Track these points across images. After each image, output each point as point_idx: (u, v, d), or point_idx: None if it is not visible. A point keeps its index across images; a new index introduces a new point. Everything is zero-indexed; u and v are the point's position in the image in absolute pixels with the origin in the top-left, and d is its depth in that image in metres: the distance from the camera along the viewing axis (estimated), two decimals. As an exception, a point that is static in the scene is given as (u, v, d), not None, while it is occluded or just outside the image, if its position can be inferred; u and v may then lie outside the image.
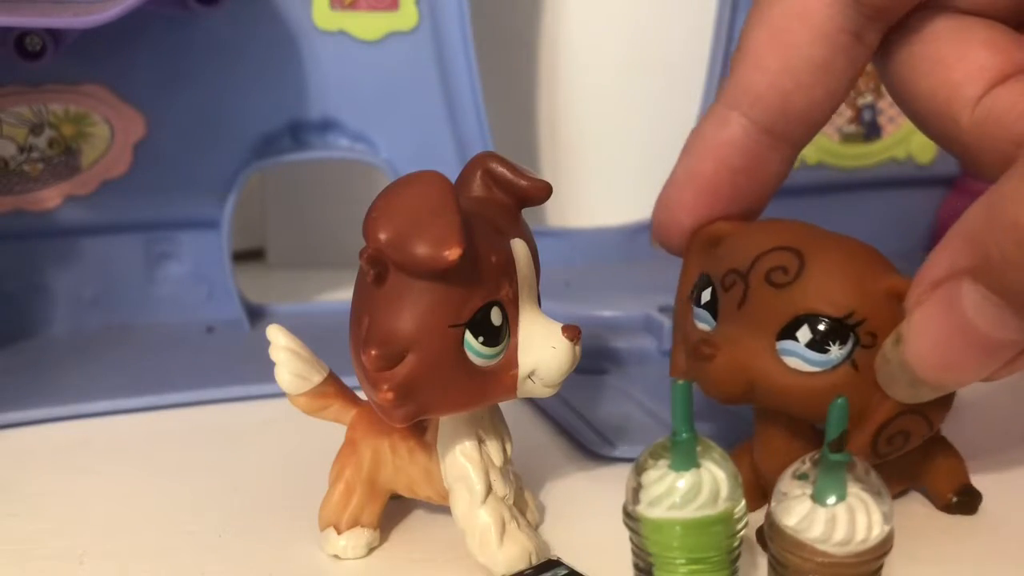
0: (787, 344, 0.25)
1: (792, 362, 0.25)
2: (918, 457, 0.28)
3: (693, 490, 0.22)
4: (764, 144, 0.27)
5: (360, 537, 0.27)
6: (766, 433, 0.27)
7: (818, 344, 0.24)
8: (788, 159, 0.28)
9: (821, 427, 0.26)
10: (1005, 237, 0.20)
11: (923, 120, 0.26)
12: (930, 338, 0.23)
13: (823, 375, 0.25)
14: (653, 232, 0.29)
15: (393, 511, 0.29)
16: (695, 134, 0.28)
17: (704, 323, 0.27)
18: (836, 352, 0.24)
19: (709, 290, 0.27)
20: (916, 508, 0.29)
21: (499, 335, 0.25)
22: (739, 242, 0.27)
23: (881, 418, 0.25)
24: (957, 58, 0.25)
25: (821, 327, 0.24)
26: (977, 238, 0.21)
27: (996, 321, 0.21)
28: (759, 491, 0.28)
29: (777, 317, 0.25)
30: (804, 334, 0.25)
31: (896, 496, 0.29)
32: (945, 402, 0.25)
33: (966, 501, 0.29)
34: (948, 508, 0.29)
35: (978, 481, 0.30)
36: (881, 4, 0.25)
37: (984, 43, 0.25)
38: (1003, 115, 0.24)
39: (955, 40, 0.25)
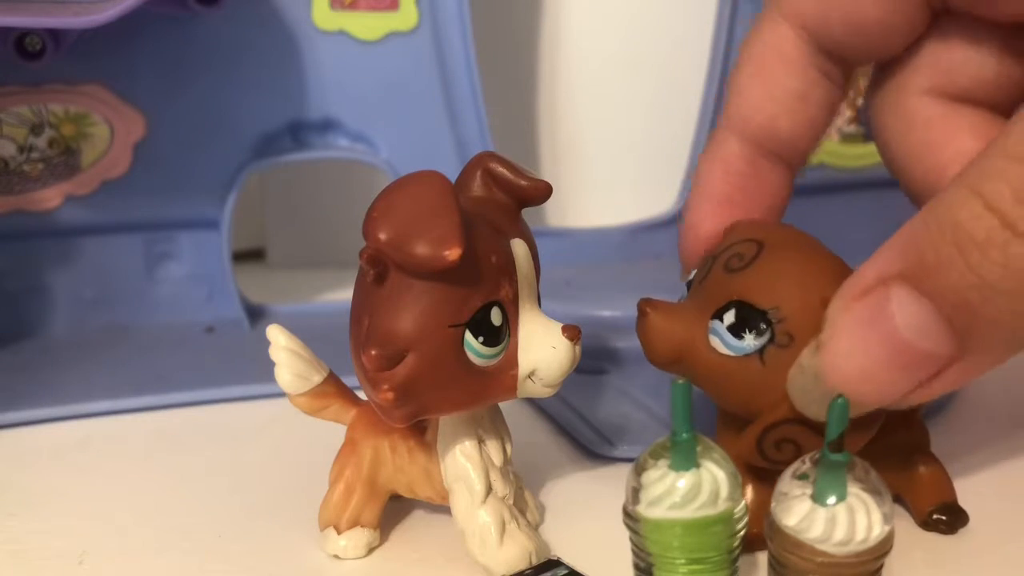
0: (714, 323, 0.26)
1: (714, 341, 0.26)
2: (899, 467, 0.28)
3: (693, 490, 0.22)
4: (761, 156, 0.29)
5: (360, 537, 0.27)
6: (723, 421, 0.28)
7: (735, 329, 0.25)
8: (786, 177, 0.30)
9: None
10: (943, 238, 0.21)
11: (919, 198, 0.28)
12: (850, 345, 0.22)
13: (733, 360, 0.26)
14: (680, 260, 0.31)
15: (393, 511, 0.29)
16: (700, 158, 0.30)
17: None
18: (749, 340, 0.25)
19: (694, 272, 0.28)
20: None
21: (499, 335, 0.25)
22: (729, 233, 0.28)
23: (768, 421, 0.25)
24: (945, 144, 0.27)
25: (744, 313, 0.25)
26: (913, 243, 0.21)
27: (921, 329, 0.21)
28: None
29: (718, 298, 0.26)
30: (729, 316, 0.26)
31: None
32: (856, 427, 0.24)
33: (948, 520, 0.28)
34: (927, 525, 0.28)
35: (968, 499, 0.28)
36: (834, 51, 0.28)
37: (969, 129, 0.27)
38: None
39: (944, 127, 0.27)
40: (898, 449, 0.28)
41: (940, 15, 0.27)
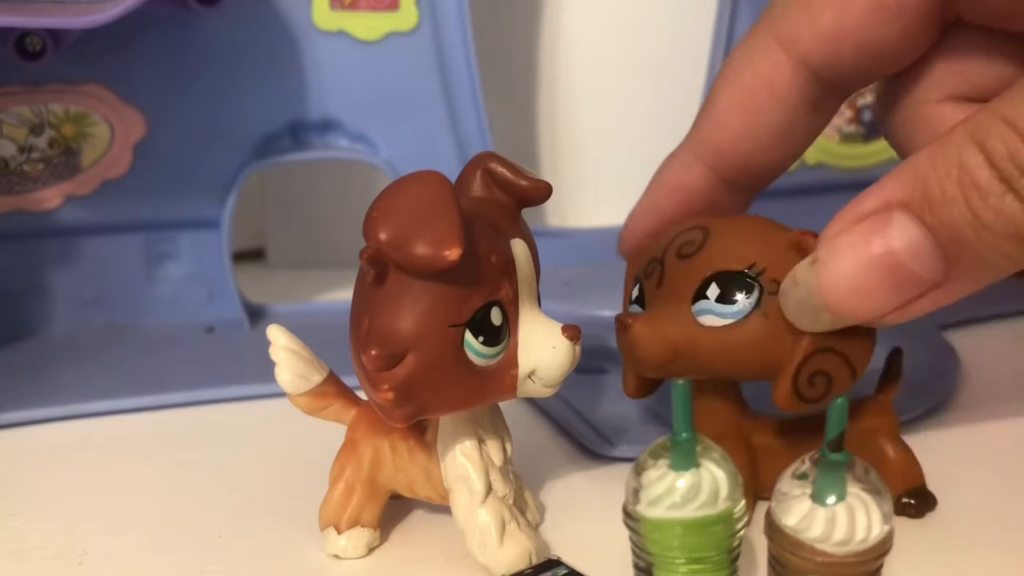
0: (700, 304, 0.26)
1: (707, 320, 0.26)
2: (868, 452, 0.28)
3: (693, 490, 0.22)
4: (722, 191, 0.30)
5: (360, 537, 0.28)
6: (699, 390, 0.28)
7: (725, 296, 0.26)
8: (744, 204, 0.31)
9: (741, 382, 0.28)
10: (947, 175, 0.22)
11: None
12: (848, 262, 0.24)
13: (736, 326, 0.26)
14: (619, 248, 0.32)
15: (393, 511, 0.29)
16: (660, 175, 0.31)
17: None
18: (744, 302, 0.26)
19: (637, 286, 0.29)
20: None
21: (499, 335, 0.25)
22: (658, 238, 0.29)
23: (798, 358, 0.26)
24: None
25: (726, 280, 0.26)
26: (919, 177, 0.23)
27: (916, 254, 0.23)
28: None
29: (689, 284, 0.27)
30: (713, 290, 0.26)
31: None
32: (866, 344, 0.26)
33: (916, 504, 0.28)
34: (895, 510, 0.28)
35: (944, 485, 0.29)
36: (835, 79, 0.28)
37: None
38: None
39: None
40: (868, 434, 0.29)
41: (951, 25, 0.27)
